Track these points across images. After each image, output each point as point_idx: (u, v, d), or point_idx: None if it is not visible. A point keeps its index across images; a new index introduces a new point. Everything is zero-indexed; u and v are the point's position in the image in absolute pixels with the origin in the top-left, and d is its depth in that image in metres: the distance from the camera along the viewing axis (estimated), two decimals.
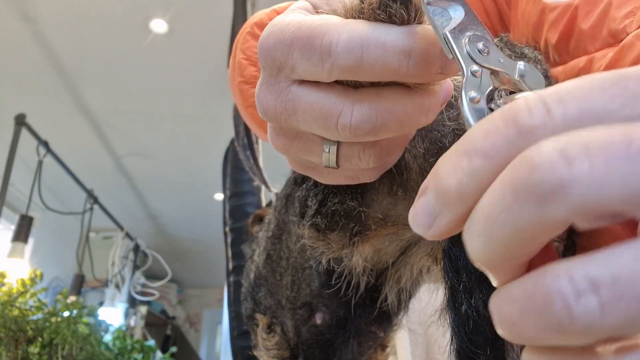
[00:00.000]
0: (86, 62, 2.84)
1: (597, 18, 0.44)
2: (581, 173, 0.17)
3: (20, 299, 1.67)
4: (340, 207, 0.40)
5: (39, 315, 1.73)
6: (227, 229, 1.43)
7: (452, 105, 0.39)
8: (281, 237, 0.63)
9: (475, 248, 0.20)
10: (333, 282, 0.55)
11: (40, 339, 1.69)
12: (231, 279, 1.34)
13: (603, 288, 0.17)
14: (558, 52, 0.48)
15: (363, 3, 0.29)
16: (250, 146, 1.31)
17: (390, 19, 0.28)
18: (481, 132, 0.21)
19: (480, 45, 0.28)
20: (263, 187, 1.42)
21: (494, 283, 0.21)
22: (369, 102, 0.29)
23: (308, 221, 0.42)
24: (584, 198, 0.17)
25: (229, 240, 1.41)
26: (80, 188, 3.18)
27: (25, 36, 2.62)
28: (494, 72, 0.29)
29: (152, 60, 2.83)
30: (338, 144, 0.32)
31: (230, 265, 1.36)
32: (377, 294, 0.57)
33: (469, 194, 0.21)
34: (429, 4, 0.30)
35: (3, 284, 1.68)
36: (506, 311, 0.19)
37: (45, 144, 2.62)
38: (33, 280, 1.73)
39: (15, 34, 2.60)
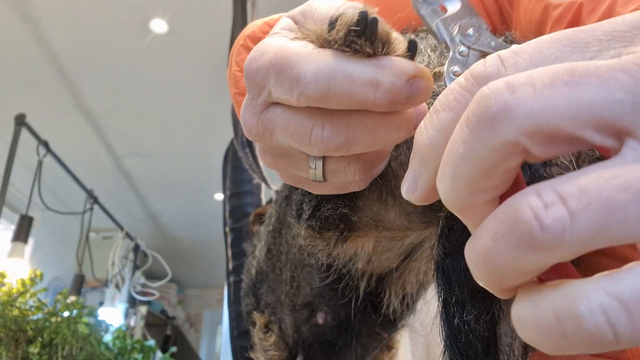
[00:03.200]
0: (86, 62, 2.84)
1: (601, 15, 0.43)
2: (525, 96, 0.18)
3: (20, 299, 1.67)
4: (333, 213, 0.41)
5: (39, 315, 1.74)
6: (227, 229, 1.43)
7: None
8: (281, 231, 0.64)
9: (445, 191, 0.21)
10: (333, 284, 0.55)
11: (40, 339, 1.69)
12: (231, 279, 1.34)
13: (571, 198, 0.17)
14: None
15: (330, 35, 0.30)
16: (249, 143, 1.31)
17: (356, 53, 0.29)
18: (446, 91, 0.23)
19: (471, 30, 0.29)
20: (263, 187, 1.42)
21: (470, 229, 0.22)
22: (340, 117, 0.30)
23: (304, 223, 0.43)
24: (529, 118, 0.18)
25: (229, 240, 1.41)
26: (80, 188, 3.18)
27: (25, 36, 2.62)
28: (483, 54, 0.30)
29: (152, 60, 2.83)
30: (323, 159, 0.33)
31: (231, 265, 1.36)
32: (379, 299, 0.57)
33: (438, 145, 0.22)
34: (425, 1, 0.31)
35: (3, 284, 1.68)
36: (478, 243, 0.19)
37: (45, 144, 2.62)
38: (33, 280, 1.73)
39: (15, 34, 2.60)
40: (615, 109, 0.18)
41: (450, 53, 0.29)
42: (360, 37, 0.29)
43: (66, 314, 1.83)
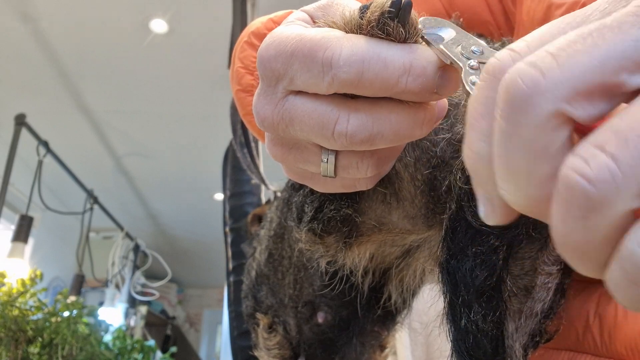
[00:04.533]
0: (86, 62, 2.83)
1: None
2: (550, 66, 0.19)
3: (20, 299, 1.67)
4: (336, 214, 0.41)
5: (39, 315, 1.73)
6: (227, 229, 1.43)
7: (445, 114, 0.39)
8: (283, 236, 0.63)
9: (513, 196, 0.20)
10: (334, 283, 0.55)
11: (40, 339, 1.69)
12: (231, 279, 1.34)
13: (608, 143, 0.17)
14: None
15: (362, 19, 0.30)
16: (247, 144, 1.31)
17: (388, 37, 0.29)
18: (471, 101, 0.23)
19: (474, 47, 0.30)
20: (263, 187, 1.42)
21: (549, 222, 0.20)
22: (366, 111, 0.30)
23: (305, 226, 0.43)
24: (562, 83, 0.18)
25: (229, 240, 1.41)
26: (80, 188, 3.17)
27: (25, 36, 2.61)
28: None
29: (152, 60, 2.83)
30: (336, 153, 0.33)
31: (230, 265, 1.36)
32: (380, 294, 0.57)
33: (488, 155, 0.21)
34: (425, 32, 0.31)
35: (3, 284, 1.68)
36: (557, 234, 0.19)
37: (45, 144, 2.62)
38: (33, 280, 1.73)
39: (15, 34, 2.60)
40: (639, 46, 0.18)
41: (463, 67, 0.29)
42: (393, 20, 0.29)
43: (66, 314, 1.83)
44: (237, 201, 1.45)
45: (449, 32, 0.31)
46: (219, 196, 4.23)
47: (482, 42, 0.30)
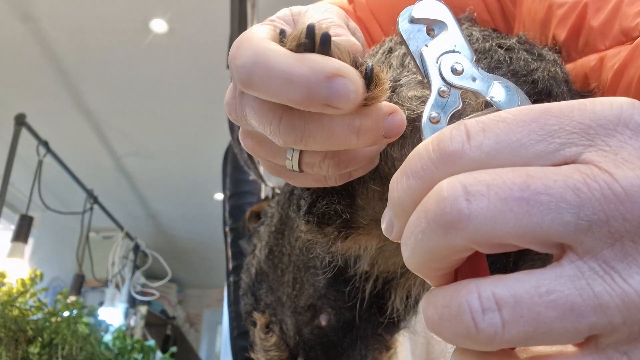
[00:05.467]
0: (86, 62, 2.84)
1: (607, 15, 0.43)
2: (478, 209, 0.20)
3: (20, 299, 1.67)
4: (327, 209, 0.41)
5: (39, 315, 1.73)
6: (227, 229, 1.43)
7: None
8: (283, 233, 0.63)
9: (405, 257, 0.24)
10: (338, 286, 0.55)
11: (40, 339, 1.69)
12: (231, 279, 1.34)
13: (505, 308, 0.19)
14: (566, 50, 0.47)
15: (283, 44, 0.30)
16: None
17: (284, 45, 0.29)
18: (417, 154, 0.24)
19: (454, 64, 0.29)
20: (262, 186, 1.42)
21: (430, 284, 0.25)
22: (297, 113, 0.30)
23: (302, 218, 0.43)
24: (479, 231, 0.20)
25: (229, 240, 1.41)
26: (80, 188, 3.18)
27: (25, 36, 2.62)
28: (465, 91, 0.29)
29: (152, 60, 2.83)
30: (300, 151, 0.33)
31: (230, 265, 1.36)
32: (385, 300, 0.57)
33: (407, 207, 0.24)
34: (412, 21, 0.30)
35: (3, 284, 1.68)
36: (430, 313, 0.22)
37: (45, 144, 2.62)
38: (33, 280, 1.73)
39: (15, 34, 2.60)
40: (560, 229, 0.19)
41: (432, 94, 0.28)
42: (306, 38, 0.28)
43: (66, 314, 1.83)
44: (237, 201, 1.45)
45: (441, 27, 0.30)
46: (219, 196, 4.23)
47: (468, 49, 0.29)
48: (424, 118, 0.28)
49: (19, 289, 1.68)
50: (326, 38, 0.28)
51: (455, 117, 0.28)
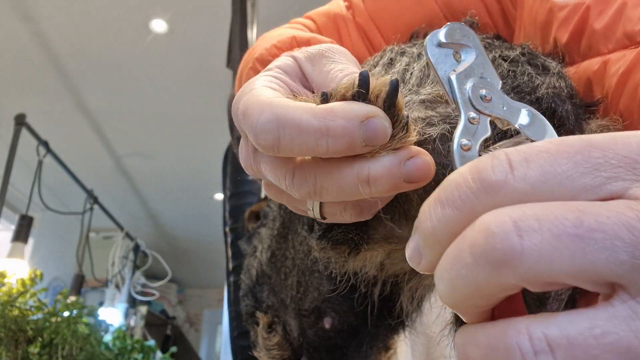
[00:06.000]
0: (86, 62, 2.84)
1: (611, 18, 0.42)
2: (531, 246, 0.19)
3: (20, 299, 1.67)
4: (344, 237, 0.41)
5: (39, 315, 1.73)
6: (227, 229, 1.43)
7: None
8: (287, 237, 0.63)
9: (442, 292, 0.22)
10: (343, 289, 0.55)
11: (40, 339, 1.69)
12: (231, 279, 1.34)
13: (559, 350, 0.18)
14: (568, 52, 0.47)
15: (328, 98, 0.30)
16: None
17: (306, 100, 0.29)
18: (453, 183, 0.22)
19: (483, 91, 0.28)
20: (263, 187, 1.42)
21: (464, 319, 0.23)
22: (309, 168, 0.30)
23: (315, 240, 0.43)
24: (532, 269, 0.19)
25: (229, 240, 1.40)
26: (80, 188, 3.17)
27: (25, 36, 2.62)
28: (493, 119, 0.29)
29: (152, 60, 2.83)
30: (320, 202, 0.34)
31: (230, 265, 1.36)
32: (391, 303, 0.57)
33: (442, 238, 0.22)
34: (440, 45, 0.30)
35: (3, 284, 1.67)
36: (471, 353, 0.21)
37: (45, 144, 2.61)
38: (33, 280, 1.73)
39: (15, 34, 2.60)
40: (615, 269, 0.18)
41: (461, 121, 0.28)
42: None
43: (66, 314, 1.83)
44: (237, 201, 1.45)
45: (469, 56, 0.29)
46: (219, 196, 4.23)
47: (495, 77, 0.29)
48: (455, 145, 0.28)
49: (19, 289, 1.68)
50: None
51: (487, 145, 0.28)
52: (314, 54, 0.36)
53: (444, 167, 0.34)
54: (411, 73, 0.41)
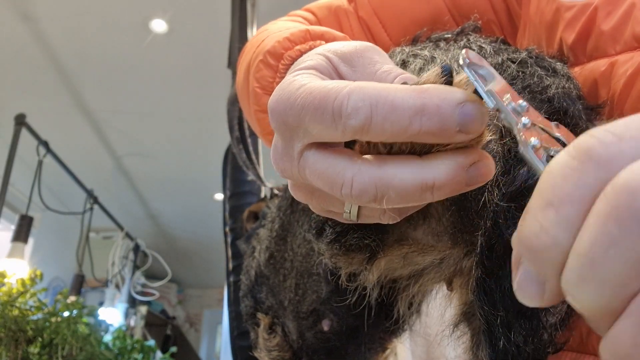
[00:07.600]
0: (86, 62, 2.83)
1: (619, 19, 0.42)
2: None
3: (20, 299, 1.67)
4: (359, 242, 0.40)
5: (39, 315, 1.73)
6: (227, 229, 1.43)
7: None
8: (286, 239, 0.63)
9: (587, 299, 0.19)
10: (341, 293, 0.54)
11: (40, 339, 1.69)
12: (231, 279, 1.34)
13: None
14: (574, 53, 0.46)
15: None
16: (243, 140, 1.30)
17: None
18: (557, 177, 0.20)
19: (521, 101, 0.28)
20: (262, 187, 1.42)
21: (601, 333, 0.20)
22: (370, 174, 0.29)
23: (326, 245, 0.42)
24: None
25: (229, 240, 1.41)
26: (80, 188, 3.17)
27: (25, 36, 2.61)
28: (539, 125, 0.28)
29: (152, 60, 2.83)
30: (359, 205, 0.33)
31: (230, 265, 1.36)
32: (390, 306, 0.57)
33: (567, 244, 0.19)
34: (468, 65, 0.30)
35: (3, 284, 1.67)
36: (620, 345, 0.18)
37: (45, 144, 2.61)
38: (33, 280, 1.73)
39: (15, 34, 2.60)
40: None
41: (519, 123, 0.27)
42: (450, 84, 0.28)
43: (66, 314, 1.83)
44: (237, 201, 1.45)
45: (489, 76, 0.29)
46: (219, 196, 4.23)
47: (521, 99, 0.29)
48: (529, 147, 0.26)
49: (19, 289, 1.68)
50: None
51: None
52: (348, 54, 0.34)
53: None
54: None
